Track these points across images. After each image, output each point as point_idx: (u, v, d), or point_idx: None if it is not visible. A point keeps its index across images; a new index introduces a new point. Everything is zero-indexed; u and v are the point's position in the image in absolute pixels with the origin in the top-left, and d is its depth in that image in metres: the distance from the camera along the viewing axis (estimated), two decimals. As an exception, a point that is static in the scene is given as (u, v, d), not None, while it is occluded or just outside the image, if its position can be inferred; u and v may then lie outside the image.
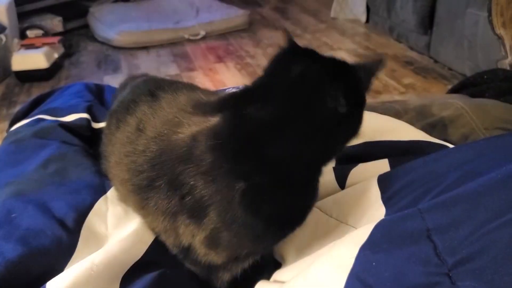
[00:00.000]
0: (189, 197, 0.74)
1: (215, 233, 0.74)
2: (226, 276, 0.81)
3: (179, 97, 0.89)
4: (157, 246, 0.86)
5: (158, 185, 0.78)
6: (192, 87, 0.98)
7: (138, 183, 0.82)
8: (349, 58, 2.76)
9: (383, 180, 0.83)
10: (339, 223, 0.84)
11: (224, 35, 3.36)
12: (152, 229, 0.87)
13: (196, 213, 0.74)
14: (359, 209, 0.81)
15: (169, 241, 0.83)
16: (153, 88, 0.94)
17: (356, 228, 0.80)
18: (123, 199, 0.93)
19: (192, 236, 0.77)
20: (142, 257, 0.82)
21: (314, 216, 0.88)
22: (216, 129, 0.74)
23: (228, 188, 0.70)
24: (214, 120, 0.76)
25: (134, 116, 0.89)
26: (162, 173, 0.78)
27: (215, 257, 0.78)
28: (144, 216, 0.86)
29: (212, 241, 0.75)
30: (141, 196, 0.82)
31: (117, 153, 0.90)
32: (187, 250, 0.80)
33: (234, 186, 0.70)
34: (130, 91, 1.01)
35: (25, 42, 2.80)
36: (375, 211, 0.79)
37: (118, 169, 0.89)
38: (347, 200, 0.83)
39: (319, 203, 0.89)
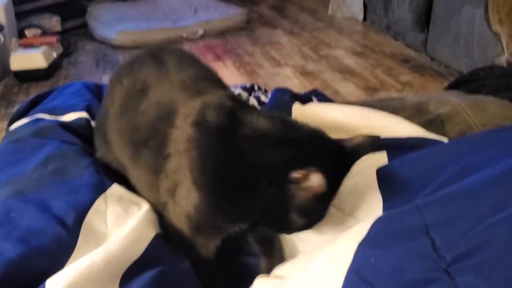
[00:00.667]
0: (169, 158, 0.84)
1: (180, 197, 0.83)
2: (204, 251, 0.86)
3: (186, 70, 0.96)
4: (157, 243, 0.86)
5: (151, 144, 0.88)
6: (194, 60, 1.04)
7: (135, 139, 0.91)
8: (347, 56, 2.77)
9: (381, 172, 0.84)
10: (336, 212, 0.85)
11: (222, 33, 3.35)
12: (139, 184, 0.96)
13: (172, 174, 0.84)
14: (357, 199, 0.82)
15: (152, 196, 0.93)
16: (158, 54, 1.01)
17: (353, 217, 0.81)
18: (118, 150, 0.98)
19: (168, 196, 0.86)
20: (142, 254, 0.83)
21: None
22: (208, 109, 0.82)
23: (193, 158, 0.79)
24: (212, 100, 0.85)
25: (139, 76, 0.96)
26: (156, 135, 0.87)
27: (183, 225, 0.84)
28: (134, 169, 0.95)
29: (178, 205, 0.84)
30: (135, 150, 0.92)
31: (117, 107, 0.97)
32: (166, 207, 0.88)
33: (194, 156, 0.79)
34: (134, 56, 1.06)
35: (24, 41, 2.80)
36: (372, 201, 0.80)
37: (117, 121, 0.97)
38: (345, 191, 0.83)
39: None
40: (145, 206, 0.93)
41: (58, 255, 0.81)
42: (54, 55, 2.76)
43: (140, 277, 0.77)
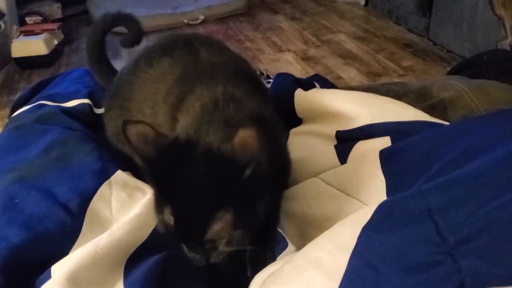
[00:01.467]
0: None
1: None
2: None
3: (217, 56, 0.99)
4: None
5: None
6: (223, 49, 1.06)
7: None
8: (349, 41, 2.75)
9: (384, 153, 0.84)
10: (338, 193, 0.85)
11: (223, 19, 3.34)
12: None
13: None
14: (359, 180, 0.82)
15: None
16: (189, 39, 1.03)
17: (356, 199, 0.81)
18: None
19: None
20: (147, 239, 0.83)
21: (313, 183, 0.90)
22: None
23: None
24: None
25: (171, 58, 0.98)
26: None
27: None
28: None
29: None
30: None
31: (147, 90, 0.99)
32: None
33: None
34: (165, 37, 1.08)
35: (24, 28, 2.79)
36: (375, 183, 0.80)
37: (144, 105, 0.99)
38: (347, 172, 0.84)
39: (321, 175, 0.91)
40: (150, 192, 0.93)
41: (62, 241, 0.82)
42: (55, 42, 2.75)
43: (144, 262, 0.78)
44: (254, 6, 3.60)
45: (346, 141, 1.00)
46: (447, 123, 0.96)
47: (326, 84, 1.42)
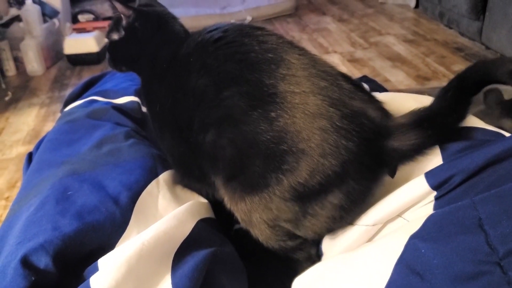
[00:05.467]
0: None
1: None
2: None
3: None
4: (201, 226, 0.87)
5: None
6: None
7: None
8: (398, 44, 2.71)
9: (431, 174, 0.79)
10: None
11: (270, 20, 3.35)
12: None
13: None
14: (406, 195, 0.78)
15: None
16: None
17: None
18: None
19: None
20: (189, 235, 0.83)
21: None
22: None
23: None
24: None
25: None
26: None
27: None
28: None
29: None
30: None
31: None
32: None
33: None
34: None
35: (77, 26, 2.88)
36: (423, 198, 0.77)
37: None
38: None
39: None
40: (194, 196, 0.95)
41: (111, 233, 0.83)
42: (106, 40, 2.82)
43: (192, 257, 0.78)
44: (302, 7, 3.60)
45: None
46: (501, 131, 0.93)
47: (375, 85, 1.40)
